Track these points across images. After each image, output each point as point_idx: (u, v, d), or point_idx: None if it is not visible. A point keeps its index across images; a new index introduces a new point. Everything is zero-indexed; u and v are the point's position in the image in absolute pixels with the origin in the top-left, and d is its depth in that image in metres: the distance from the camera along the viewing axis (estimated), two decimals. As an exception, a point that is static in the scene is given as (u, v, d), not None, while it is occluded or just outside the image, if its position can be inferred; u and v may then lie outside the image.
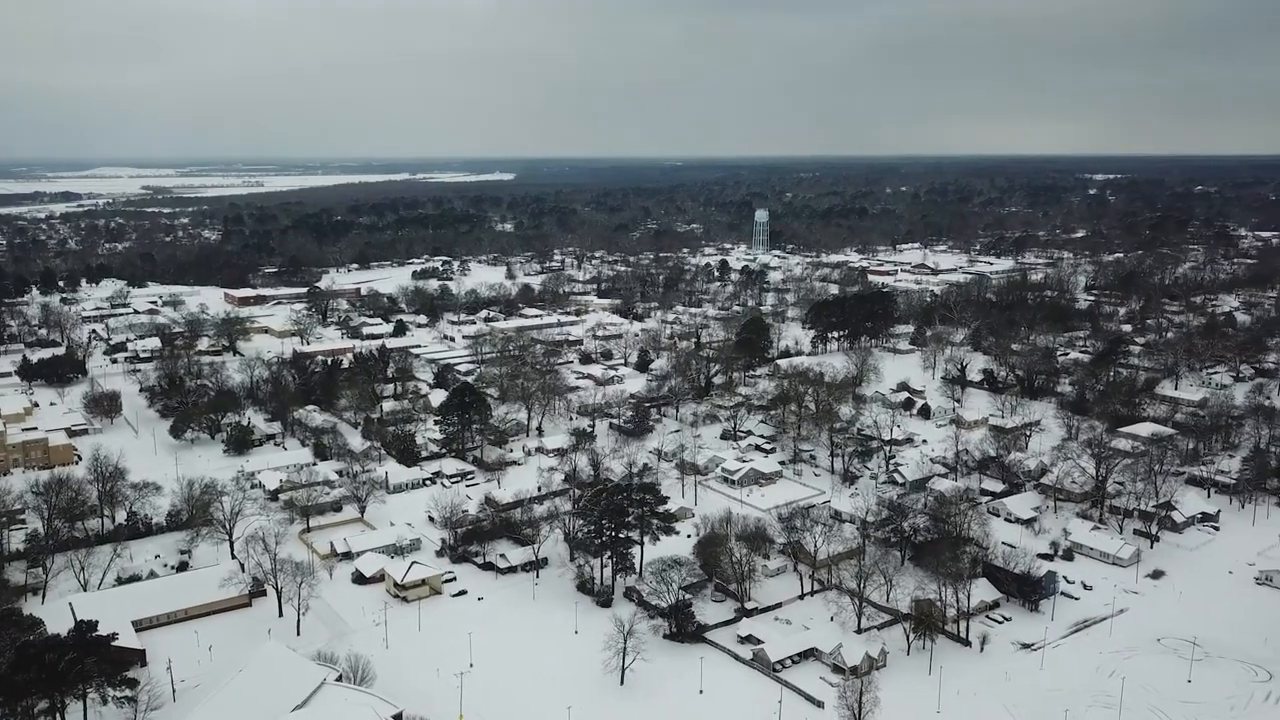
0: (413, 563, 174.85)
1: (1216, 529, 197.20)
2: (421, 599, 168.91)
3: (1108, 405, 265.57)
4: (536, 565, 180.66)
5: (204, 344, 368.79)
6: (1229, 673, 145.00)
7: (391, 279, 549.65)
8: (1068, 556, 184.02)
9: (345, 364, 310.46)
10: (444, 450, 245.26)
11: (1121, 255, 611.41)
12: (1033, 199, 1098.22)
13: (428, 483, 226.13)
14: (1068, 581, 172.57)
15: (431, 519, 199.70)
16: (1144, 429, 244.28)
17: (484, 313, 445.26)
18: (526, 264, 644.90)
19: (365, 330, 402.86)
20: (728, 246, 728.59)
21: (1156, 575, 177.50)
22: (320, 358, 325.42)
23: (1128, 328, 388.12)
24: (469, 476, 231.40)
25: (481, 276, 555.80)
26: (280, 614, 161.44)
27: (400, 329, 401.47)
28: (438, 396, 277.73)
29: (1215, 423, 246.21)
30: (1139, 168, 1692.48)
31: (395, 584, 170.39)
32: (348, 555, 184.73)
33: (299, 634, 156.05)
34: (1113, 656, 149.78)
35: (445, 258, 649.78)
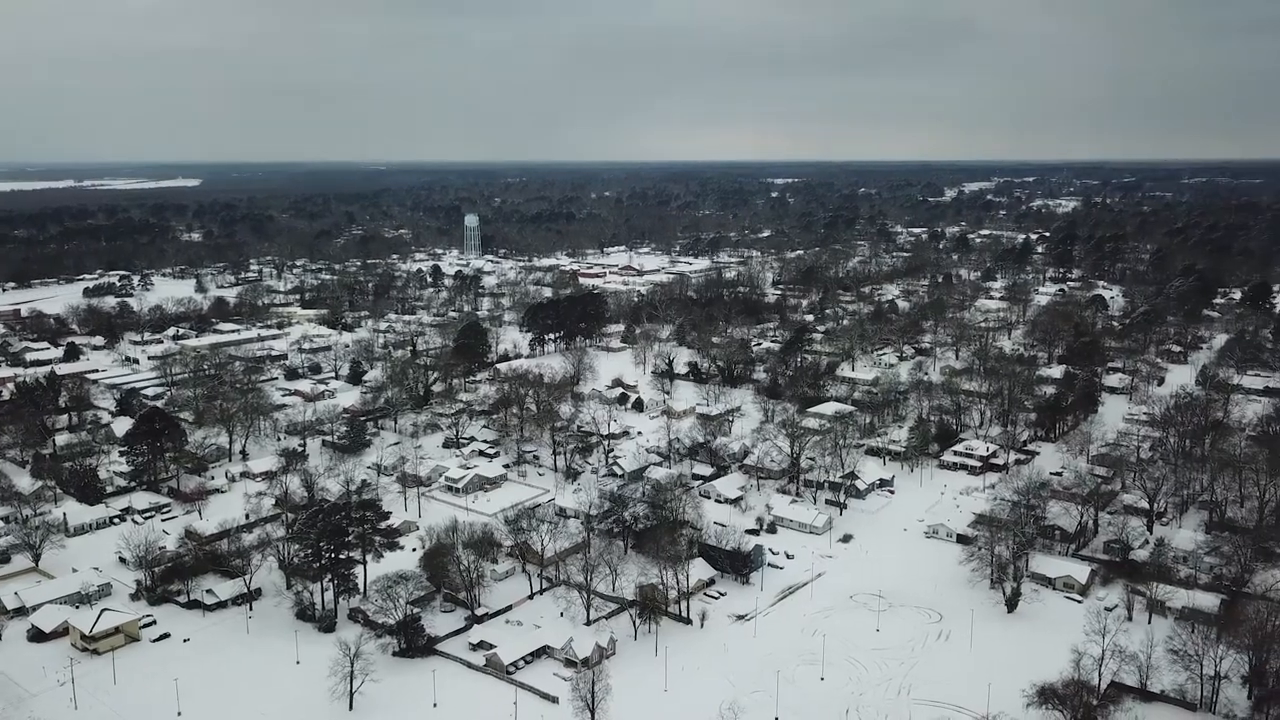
0: (103, 610, 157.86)
1: (892, 493, 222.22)
2: (116, 649, 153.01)
3: (797, 389, 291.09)
4: (249, 597, 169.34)
5: None
6: (909, 618, 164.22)
7: (59, 297, 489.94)
8: (771, 530, 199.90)
9: (5, 395, 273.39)
10: (133, 483, 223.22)
11: (802, 252, 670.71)
12: (724, 202, 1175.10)
13: (116, 520, 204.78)
14: (773, 553, 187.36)
15: (123, 560, 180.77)
16: (829, 408, 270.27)
17: (172, 330, 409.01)
18: (219, 275, 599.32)
19: (29, 356, 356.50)
20: (439, 252, 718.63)
21: (846, 539, 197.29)
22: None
23: (810, 318, 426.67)
24: (165, 509, 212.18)
25: (167, 291, 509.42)
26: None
27: (73, 353, 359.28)
28: (123, 425, 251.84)
29: (886, 398, 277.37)
30: (812, 172, 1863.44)
31: (83, 636, 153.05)
32: (21, 611, 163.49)
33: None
34: (814, 617, 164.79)
35: (123, 272, 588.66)
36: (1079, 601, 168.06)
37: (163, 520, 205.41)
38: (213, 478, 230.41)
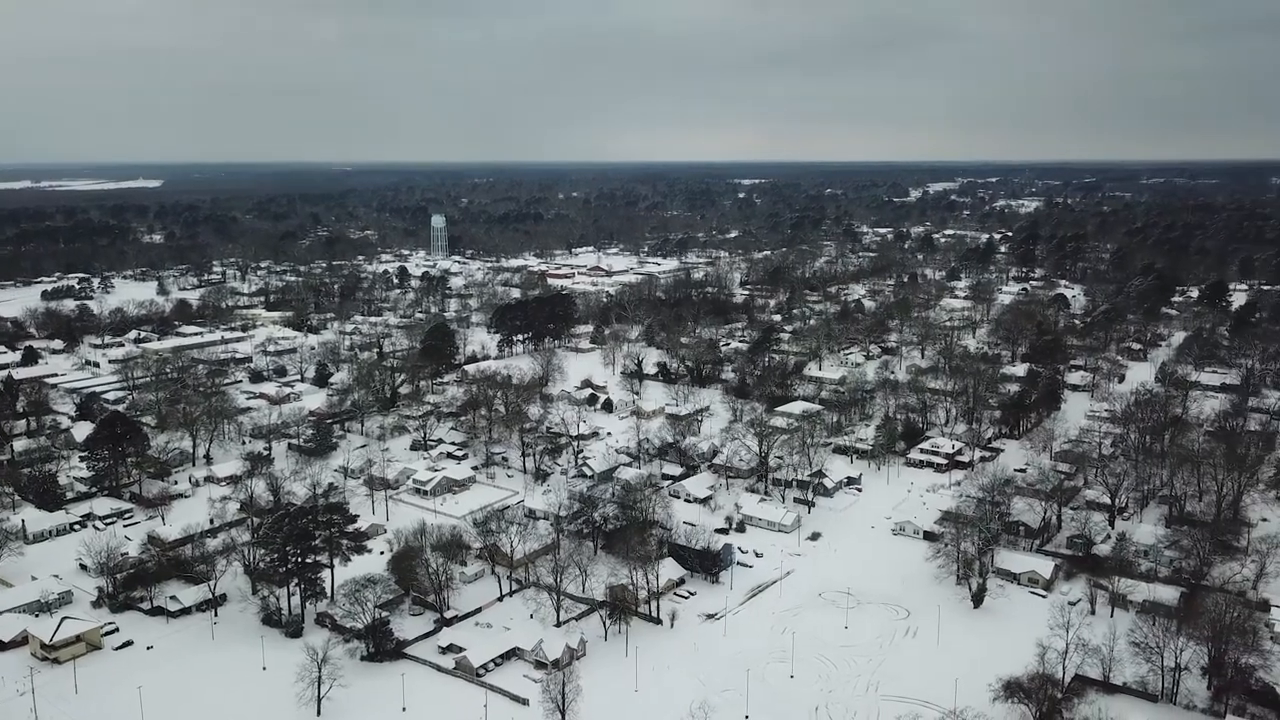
0: (63, 618, 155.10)
1: (860, 490, 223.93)
2: (77, 657, 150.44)
3: (765, 388, 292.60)
4: (214, 603, 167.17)
5: None
6: (876, 615, 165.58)
7: (16, 301, 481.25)
8: (740, 529, 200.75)
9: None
10: (95, 489, 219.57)
11: (769, 252, 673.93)
12: (691, 203, 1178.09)
13: (76, 527, 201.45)
14: (742, 551, 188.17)
15: (84, 567, 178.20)
16: (796, 407, 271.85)
17: (134, 333, 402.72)
18: (182, 278, 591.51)
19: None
20: (406, 253, 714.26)
21: (815, 537, 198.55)
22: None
23: (778, 318, 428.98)
24: (127, 515, 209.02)
25: (129, 293, 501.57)
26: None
27: (31, 357, 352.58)
28: (83, 429, 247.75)
29: (852, 397, 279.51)
30: (779, 173, 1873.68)
31: (43, 645, 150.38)
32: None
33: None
34: (783, 615, 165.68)
35: (83, 274, 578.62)
36: (1043, 596, 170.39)
37: (125, 526, 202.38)
38: (176, 482, 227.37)
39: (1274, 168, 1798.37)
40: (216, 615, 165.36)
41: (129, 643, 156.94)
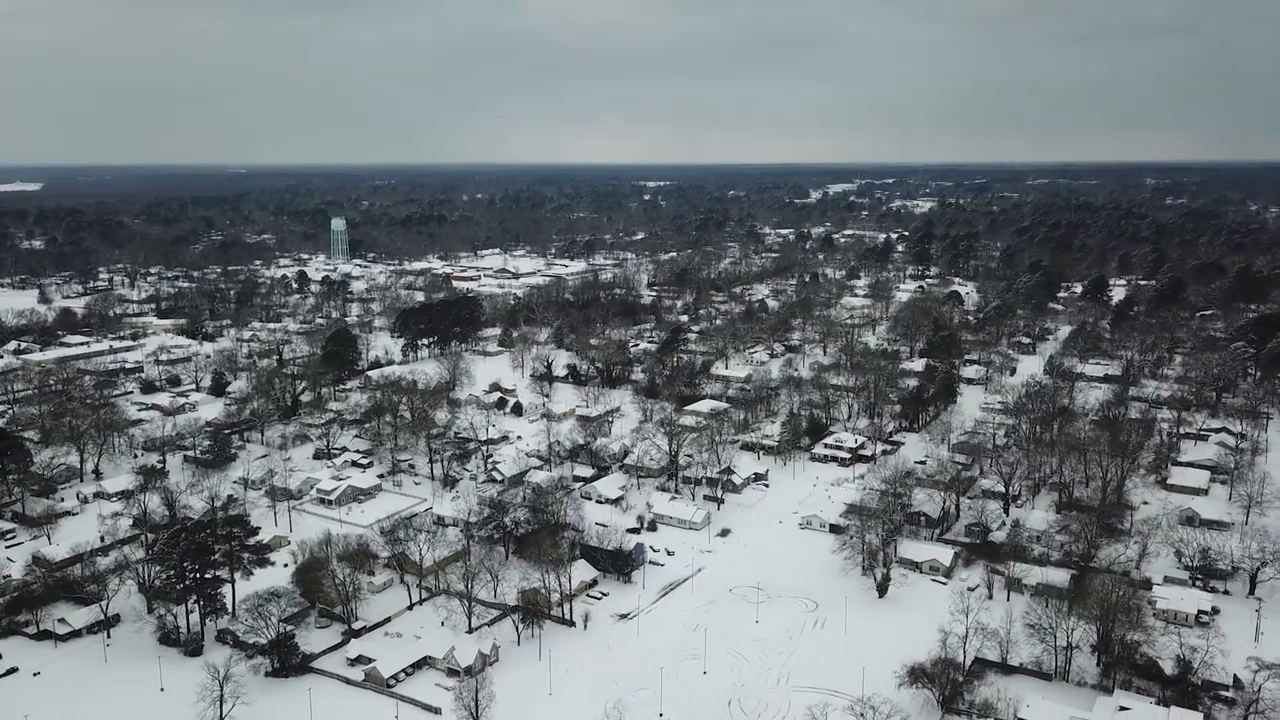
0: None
1: (767, 486, 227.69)
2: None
3: (674, 388, 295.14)
4: (107, 624, 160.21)
5: None
6: (786, 608, 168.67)
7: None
8: (652, 527, 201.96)
9: None
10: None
11: (675, 254, 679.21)
12: (597, 205, 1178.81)
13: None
14: (654, 550, 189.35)
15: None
16: (704, 406, 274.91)
17: (13, 344, 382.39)
18: (65, 285, 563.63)
19: None
20: (305, 257, 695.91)
21: (725, 533, 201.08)
22: None
23: (685, 318, 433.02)
24: (9, 535, 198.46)
25: (7, 302, 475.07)
26: None
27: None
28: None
29: (758, 394, 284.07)
30: (684, 174, 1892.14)
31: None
32: None
33: None
34: (695, 612, 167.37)
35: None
36: (944, 583, 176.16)
37: (7, 547, 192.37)
38: (63, 500, 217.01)
39: (1148, 169, 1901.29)
40: (109, 637, 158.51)
41: (13, 670, 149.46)
